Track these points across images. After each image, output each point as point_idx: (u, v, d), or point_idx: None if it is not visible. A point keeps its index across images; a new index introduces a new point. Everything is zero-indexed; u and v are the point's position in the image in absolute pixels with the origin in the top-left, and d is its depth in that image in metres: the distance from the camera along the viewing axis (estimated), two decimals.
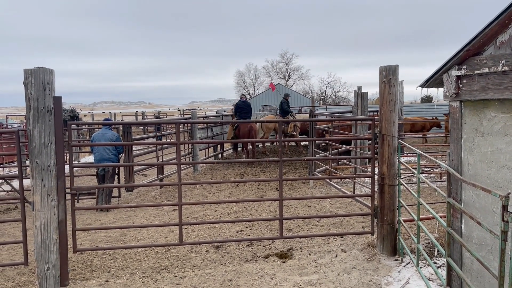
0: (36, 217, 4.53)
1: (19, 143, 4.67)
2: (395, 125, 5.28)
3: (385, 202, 5.32)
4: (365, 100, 11.68)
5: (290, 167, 12.90)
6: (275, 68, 65.49)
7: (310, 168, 9.81)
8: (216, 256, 5.64)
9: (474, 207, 3.24)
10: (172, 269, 5.18)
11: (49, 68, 4.50)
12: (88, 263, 5.47)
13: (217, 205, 8.32)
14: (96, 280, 4.87)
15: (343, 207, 7.97)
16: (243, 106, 14.21)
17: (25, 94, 4.42)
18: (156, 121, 14.78)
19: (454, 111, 3.38)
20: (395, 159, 5.25)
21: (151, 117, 34.35)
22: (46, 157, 4.51)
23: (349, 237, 6.10)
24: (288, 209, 7.87)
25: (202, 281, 4.78)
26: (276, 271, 4.98)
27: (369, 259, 5.22)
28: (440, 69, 3.35)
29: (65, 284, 4.70)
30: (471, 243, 3.29)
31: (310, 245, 5.87)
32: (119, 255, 5.74)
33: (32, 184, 4.51)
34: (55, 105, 4.55)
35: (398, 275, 4.75)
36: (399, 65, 5.25)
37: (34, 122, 4.43)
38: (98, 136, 8.68)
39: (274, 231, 6.60)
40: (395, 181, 5.25)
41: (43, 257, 4.55)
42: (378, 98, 5.44)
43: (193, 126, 12.80)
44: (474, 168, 3.25)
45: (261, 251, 5.75)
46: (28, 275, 5.11)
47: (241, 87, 67.11)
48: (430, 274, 4.67)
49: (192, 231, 6.73)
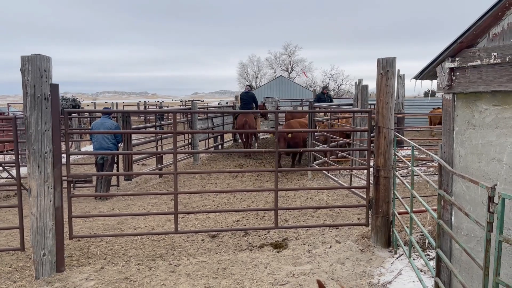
0: (32, 203, 4.57)
1: (16, 130, 4.70)
2: (391, 118, 5.28)
3: (380, 194, 5.34)
4: (365, 93, 11.65)
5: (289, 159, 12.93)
6: (278, 60, 65.33)
7: (308, 160, 9.83)
8: (211, 245, 5.68)
9: (464, 199, 3.26)
10: (167, 257, 5.24)
11: (46, 56, 4.51)
12: (84, 250, 5.52)
13: (215, 195, 8.36)
14: (92, 267, 4.92)
15: (340, 199, 8.00)
16: (245, 97, 14.20)
17: (22, 81, 4.44)
18: (153, 110, 14.79)
19: (447, 103, 3.39)
20: (391, 151, 5.26)
21: (153, 108, 34.31)
22: (42, 144, 4.54)
23: (344, 228, 6.13)
24: (286, 200, 7.90)
25: (196, 269, 4.83)
26: (270, 261, 5.03)
27: (363, 250, 5.26)
28: (433, 61, 3.35)
29: (60, 270, 4.76)
30: (461, 234, 3.32)
31: (305, 236, 5.91)
32: (116, 242, 5.79)
33: (28, 171, 4.55)
34: (52, 93, 4.57)
35: (391, 266, 4.79)
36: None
37: (31, 109, 4.46)
38: (97, 125, 8.70)
39: (270, 221, 6.64)
40: (391, 173, 5.27)
41: (39, 243, 4.60)
42: None
43: (193, 116, 12.80)
44: (465, 160, 3.26)
45: (256, 241, 5.79)
46: (25, 260, 5.17)
47: (244, 79, 66.99)
48: (423, 265, 4.71)
49: (189, 220, 6.78)
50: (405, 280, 4.44)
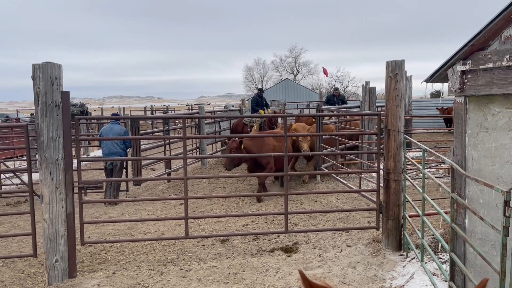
0: (44, 210, 4.61)
1: (27, 137, 4.75)
2: (401, 120, 5.27)
3: (391, 197, 5.32)
4: (373, 95, 11.60)
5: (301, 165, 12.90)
6: (283, 63, 65.29)
7: (316, 163, 9.81)
8: (221, 249, 5.69)
9: (478, 202, 3.24)
10: (178, 262, 5.25)
11: (57, 63, 4.56)
12: (95, 256, 5.55)
13: (224, 200, 8.37)
14: (104, 272, 4.95)
15: (349, 202, 7.97)
16: (254, 100, 14.45)
17: (33, 89, 4.48)
18: (163, 115, 14.86)
19: (459, 106, 3.37)
20: (400, 154, 5.23)
21: (160, 112, 34.46)
22: (54, 151, 4.58)
23: (355, 232, 6.11)
24: (295, 204, 7.89)
25: (207, 274, 4.83)
26: (281, 265, 5.02)
27: (374, 254, 5.24)
28: (445, 64, 3.33)
29: (73, 275, 4.78)
30: (475, 238, 3.29)
31: (316, 240, 5.89)
32: (126, 248, 5.82)
33: (40, 177, 4.59)
34: (63, 100, 4.61)
35: (403, 270, 4.76)
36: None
37: (43, 117, 4.50)
38: (106, 130, 8.76)
39: (279, 225, 6.63)
40: (401, 176, 5.25)
41: (51, 249, 4.64)
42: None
43: (201, 120, 12.83)
44: (478, 163, 3.24)
45: (267, 245, 5.79)
46: (37, 266, 5.21)
47: (250, 82, 67.04)
48: (435, 269, 4.67)
49: (198, 225, 6.79)
50: (418, 284, 4.41)
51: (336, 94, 15.15)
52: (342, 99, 15.18)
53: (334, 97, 14.93)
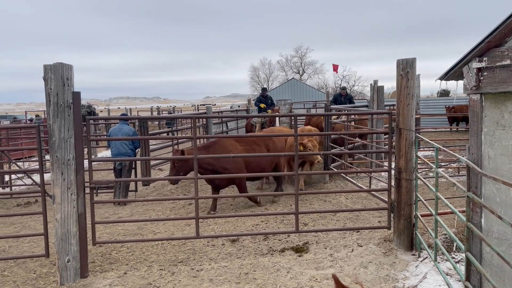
0: (56, 210, 4.62)
1: (39, 137, 4.76)
2: (412, 119, 5.22)
3: (402, 197, 5.28)
4: (381, 94, 11.57)
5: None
6: (289, 63, 65.21)
7: (325, 162, 9.77)
8: (232, 249, 5.67)
9: (495, 201, 3.20)
10: (189, 262, 5.24)
11: (68, 64, 4.57)
12: (106, 256, 5.56)
13: (233, 199, 8.36)
14: (115, 272, 4.95)
15: (359, 201, 7.93)
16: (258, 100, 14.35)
17: (45, 90, 4.49)
18: (172, 116, 14.89)
19: (474, 104, 3.33)
20: (412, 153, 5.19)
21: (166, 113, 34.57)
22: (65, 151, 4.59)
23: (365, 231, 6.07)
24: (304, 204, 7.86)
25: (218, 274, 4.82)
26: (292, 265, 5.00)
27: (386, 253, 5.20)
28: (460, 61, 3.29)
29: (85, 275, 4.79)
30: (491, 237, 3.25)
31: (326, 240, 5.86)
32: (137, 248, 5.82)
33: (52, 177, 4.60)
34: (74, 100, 4.62)
35: (416, 270, 4.72)
36: (416, 58, 5.18)
37: (54, 117, 4.51)
38: (115, 131, 8.79)
39: (289, 225, 6.61)
40: (412, 175, 5.20)
41: (63, 249, 4.65)
42: (394, 92, 5.39)
43: (208, 121, 12.84)
44: (494, 161, 3.20)
45: (277, 245, 5.77)
46: (48, 267, 5.22)
47: (255, 82, 67.04)
48: (448, 269, 4.63)
49: (208, 225, 6.79)
50: (431, 284, 4.37)
51: (344, 93, 14.71)
52: (349, 99, 14.73)
53: (341, 96, 14.51)
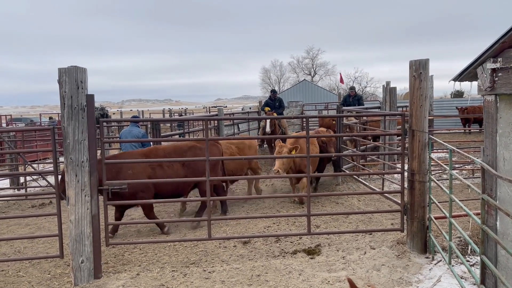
0: (70, 211, 4.67)
1: (54, 140, 4.82)
2: (425, 120, 5.18)
3: (415, 199, 5.23)
4: (393, 96, 11.47)
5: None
6: (300, 64, 65.07)
7: (337, 164, 9.72)
8: (244, 251, 5.68)
9: (510, 203, 3.15)
10: (201, 264, 5.26)
11: (82, 67, 4.63)
12: (119, 257, 5.61)
13: (244, 201, 8.37)
14: (128, 273, 4.99)
15: (371, 204, 7.87)
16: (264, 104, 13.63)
17: (59, 93, 4.56)
18: (184, 118, 14.96)
19: (489, 105, 3.29)
20: (425, 155, 5.15)
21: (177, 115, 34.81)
22: (79, 153, 4.64)
23: (378, 234, 6.02)
24: (316, 206, 7.83)
25: (230, 276, 4.83)
26: (304, 267, 4.98)
27: (399, 256, 5.15)
28: (474, 62, 3.26)
29: (98, 276, 4.84)
30: (507, 240, 3.20)
31: (338, 242, 5.83)
32: (149, 249, 5.86)
33: (66, 179, 4.66)
34: (88, 103, 4.68)
35: (429, 273, 4.67)
36: (429, 59, 5.13)
37: (68, 120, 4.57)
38: (125, 133, 8.86)
39: (301, 227, 6.59)
40: (426, 177, 5.15)
41: (77, 250, 4.70)
42: (407, 94, 5.35)
43: (220, 123, 12.88)
44: (509, 163, 3.16)
45: (289, 247, 5.75)
46: (63, 267, 5.29)
47: (267, 84, 67.02)
48: (463, 272, 4.57)
49: (220, 227, 6.80)
50: (446, 287, 4.32)
51: (352, 93, 13.89)
52: (358, 99, 13.84)
53: (350, 97, 13.80)
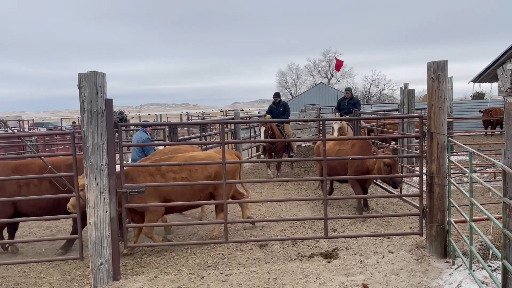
0: (90, 214, 4.75)
1: (74, 143, 4.92)
2: (444, 123, 5.10)
3: (435, 202, 5.15)
4: (411, 98, 11.34)
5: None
6: (317, 67, 64.82)
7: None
8: (260, 254, 5.68)
9: None
10: (218, 267, 5.28)
11: (101, 72, 4.71)
12: (137, 259, 5.67)
13: (261, 204, 8.37)
14: (146, 276, 5.04)
15: (389, 207, 7.78)
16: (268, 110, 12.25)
17: (79, 97, 4.65)
18: (200, 121, 15.08)
19: (510, 106, 3.22)
20: (444, 157, 5.06)
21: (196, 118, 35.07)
22: (98, 157, 4.72)
23: (396, 237, 5.95)
24: (333, 209, 7.79)
25: (247, 279, 4.83)
26: (321, 271, 4.95)
27: (418, 260, 5.07)
28: (494, 62, 3.20)
29: (117, 278, 4.90)
30: None
31: (356, 246, 5.78)
32: (167, 252, 5.91)
33: (86, 182, 4.74)
34: (106, 107, 4.76)
35: (450, 278, 4.58)
36: (448, 60, 5.06)
37: (88, 124, 4.66)
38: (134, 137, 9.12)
39: (318, 231, 6.55)
40: (445, 180, 5.07)
41: (97, 252, 4.77)
42: (425, 96, 5.29)
43: (236, 126, 12.93)
44: None
45: (306, 251, 5.73)
46: (82, 269, 5.38)
47: (283, 87, 67.00)
48: (484, 277, 4.47)
49: (236, 230, 6.82)
50: None
51: (348, 96, 12.00)
52: (354, 103, 11.88)
53: (345, 100, 11.96)
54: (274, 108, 11.75)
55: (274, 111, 11.67)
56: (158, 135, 20.40)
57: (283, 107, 11.75)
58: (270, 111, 11.81)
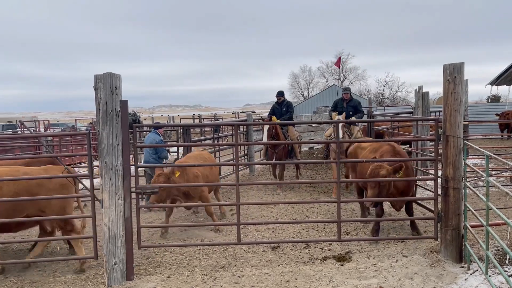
0: (104, 214, 4.80)
1: (89, 144, 4.98)
2: (460, 126, 5.04)
3: (450, 206, 5.08)
4: (426, 100, 11.22)
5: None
6: (330, 69, 64.52)
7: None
8: (273, 256, 5.67)
9: None
10: (230, 268, 5.28)
11: (117, 73, 4.77)
12: (150, 260, 5.71)
13: (273, 206, 8.35)
14: (159, 276, 5.07)
15: (402, 211, 7.69)
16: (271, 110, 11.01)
17: (95, 98, 4.71)
18: (214, 123, 15.13)
19: None
20: (460, 161, 5.00)
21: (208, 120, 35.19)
22: (113, 158, 4.77)
23: (411, 241, 5.89)
24: (346, 212, 7.74)
25: (259, 281, 4.83)
26: (334, 274, 4.92)
27: (433, 265, 5.01)
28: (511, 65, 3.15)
29: (130, 278, 4.94)
30: None
31: (369, 249, 5.74)
32: (180, 252, 5.94)
33: (101, 183, 4.79)
34: (122, 108, 4.81)
35: (465, 283, 4.52)
36: (464, 62, 5.00)
37: (103, 125, 4.71)
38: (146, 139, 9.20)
39: (331, 233, 6.52)
40: (461, 184, 5.01)
41: (111, 252, 4.82)
42: (440, 98, 5.22)
43: (249, 128, 12.95)
44: None
45: (318, 253, 5.70)
46: (96, 268, 5.43)
47: (295, 89, 66.88)
48: (500, 283, 4.39)
49: (249, 231, 6.81)
50: None
51: (347, 97, 10.10)
52: (354, 106, 10.01)
53: (343, 101, 10.12)
54: (277, 108, 10.67)
55: (277, 111, 10.62)
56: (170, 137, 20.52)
57: (286, 106, 10.64)
58: (273, 111, 10.78)
